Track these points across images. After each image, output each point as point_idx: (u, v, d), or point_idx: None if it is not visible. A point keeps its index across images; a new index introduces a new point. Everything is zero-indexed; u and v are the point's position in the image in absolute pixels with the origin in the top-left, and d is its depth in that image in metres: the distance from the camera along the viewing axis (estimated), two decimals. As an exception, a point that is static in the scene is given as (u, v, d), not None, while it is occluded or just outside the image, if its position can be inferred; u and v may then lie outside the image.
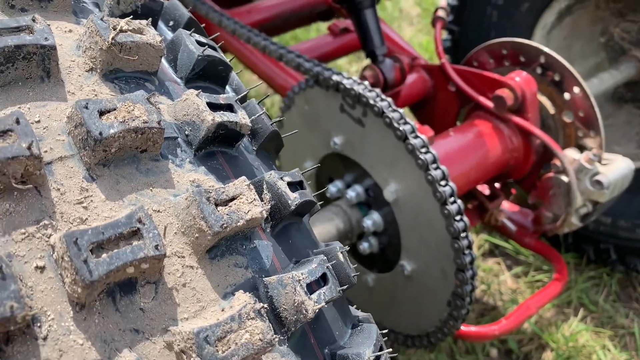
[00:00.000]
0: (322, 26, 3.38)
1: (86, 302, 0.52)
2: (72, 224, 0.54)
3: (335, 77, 1.42)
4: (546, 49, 1.68)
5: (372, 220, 1.49)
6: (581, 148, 1.71)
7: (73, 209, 0.55)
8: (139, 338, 0.54)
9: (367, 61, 1.80)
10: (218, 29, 1.88)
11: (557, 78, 1.69)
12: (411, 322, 1.55)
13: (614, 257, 2.16)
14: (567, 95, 1.69)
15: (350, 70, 3.38)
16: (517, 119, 1.64)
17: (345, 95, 1.41)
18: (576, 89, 1.66)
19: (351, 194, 1.51)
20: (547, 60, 1.69)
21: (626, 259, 2.14)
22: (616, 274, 2.26)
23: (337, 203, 1.56)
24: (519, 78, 1.65)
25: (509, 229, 1.85)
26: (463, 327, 1.56)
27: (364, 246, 1.54)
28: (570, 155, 1.62)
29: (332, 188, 1.57)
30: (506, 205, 1.92)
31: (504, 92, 1.64)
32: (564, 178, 1.61)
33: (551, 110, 1.73)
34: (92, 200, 0.56)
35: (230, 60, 0.82)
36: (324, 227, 1.51)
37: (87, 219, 0.55)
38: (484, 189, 1.88)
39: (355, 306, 0.82)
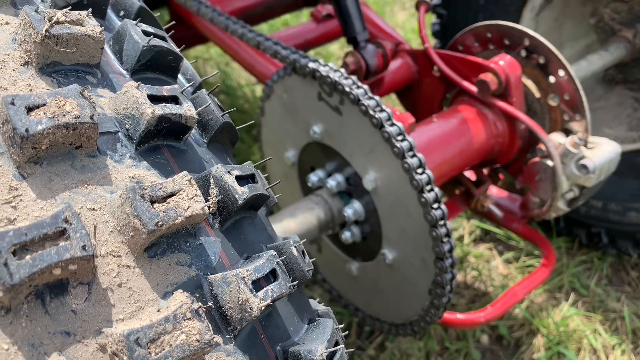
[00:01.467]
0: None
1: (12, 306, 0.50)
2: (-2, 224, 0.53)
3: (311, 65, 1.39)
4: (530, 32, 1.65)
5: (353, 209, 1.47)
6: (567, 132, 1.68)
7: (1, 208, 0.53)
8: (70, 341, 0.52)
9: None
10: (197, 18, 1.85)
11: (542, 61, 1.66)
12: (395, 311, 1.53)
13: (605, 241, 2.14)
14: (552, 79, 1.65)
15: (341, 55, 3.34)
16: (501, 104, 1.61)
17: (322, 83, 1.39)
18: (561, 72, 1.63)
19: (332, 183, 1.49)
20: (531, 43, 1.66)
21: (617, 242, 2.12)
22: (608, 258, 2.24)
23: (318, 192, 1.54)
24: (503, 62, 1.62)
25: (495, 215, 1.83)
26: (449, 315, 1.54)
27: (346, 235, 1.52)
28: (556, 139, 1.60)
29: (313, 177, 1.55)
30: (494, 190, 1.89)
31: (487, 77, 1.61)
32: (550, 163, 1.58)
33: (537, 93, 1.70)
34: (21, 200, 0.54)
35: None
36: (305, 216, 1.49)
37: (15, 219, 0.53)
38: (471, 175, 1.85)
39: (318, 300, 0.80)
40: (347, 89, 1.31)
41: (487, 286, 2.17)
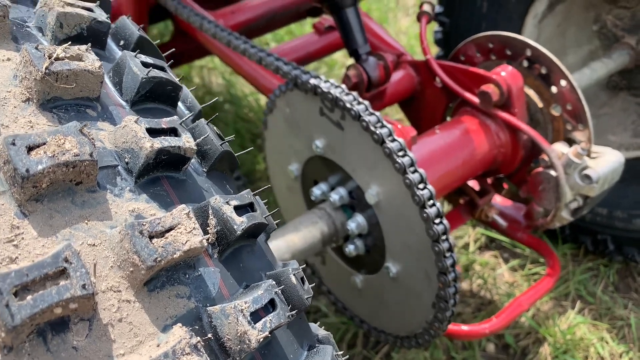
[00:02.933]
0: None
1: (14, 345, 0.51)
2: (1, 263, 0.54)
3: (312, 81, 1.40)
4: (532, 42, 1.65)
5: (356, 222, 1.48)
6: (570, 142, 1.68)
7: (2, 247, 0.54)
8: (72, 378, 0.53)
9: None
10: (200, 33, 1.86)
11: (543, 71, 1.66)
12: (399, 324, 1.54)
13: (611, 248, 2.13)
14: (554, 89, 1.66)
15: (345, 62, 3.35)
16: (503, 115, 1.61)
17: (323, 98, 1.40)
18: (563, 82, 1.63)
19: (335, 196, 1.50)
20: (533, 54, 1.66)
21: (624, 249, 2.12)
22: (614, 265, 2.23)
23: (321, 206, 1.54)
24: (505, 73, 1.62)
25: (500, 225, 1.83)
26: (454, 326, 1.55)
27: (349, 248, 1.53)
28: (559, 149, 1.60)
29: (317, 191, 1.56)
30: (499, 199, 1.89)
31: (489, 88, 1.61)
32: (553, 173, 1.58)
33: (539, 103, 1.70)
34: (23, 238, 0.56)
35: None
36: (308, 230, 1.50)
37: (17, 257, 0.54)
38: (475, 185, 1.85)
39: (318, 324, 0.81)
40: (348, 105, 1.32)
41: (493, 294, 2.17)
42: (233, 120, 2.96)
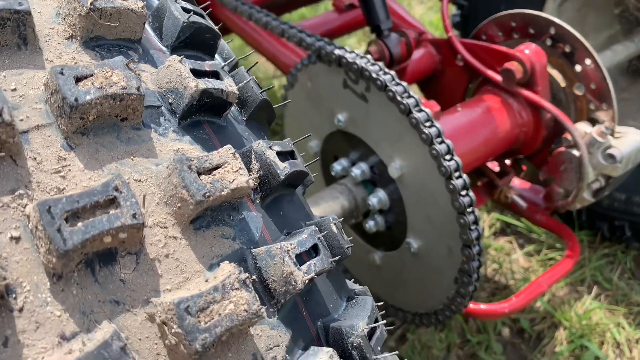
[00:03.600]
0: (330, 6, 3.33)
1: (63, 273, 0.50)
2: (49, 193, 0.53)
3: (337, 52, 1.39)
4: (557, 20, 1.63)
5: (378, 198, 1.47)
6: (593, 122, 1.66)
7: (50, 178, 0.54)
8: (120, 310, 0.52)
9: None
10: (219, 8, 1.85)
11: (567, 50, 1.64)
12: (419, 300, 1.53)
13: (628, 234, 2.11)
14: (578, 68, 1.64)
15: (358, 48, 3.33)
16: (526, 93, 1.60)
17: (347, 70, 1.38)
18: (588, 61, 1.61)
19: (356, 171, 1.48)
20: (557, 32, 1.64)
21: (641, 235, 2.10)
22: (631, 251, 2.21)
23: (342, 181, 1.53)
24: (529, 50, 1.61)
25: (519, 206, 1.82)
26: (472, 305, 1.53)
27: (370, 224, 1.52)
28: (582, 128, 1.58)
29: (337, 166, 1.55)
30: (517, 182, 1.88)
31: (512, 65, 1.59)
32: (576, 152, 1.57)
33: (562, 83, 1.69)
34: (70, 170, 0.55)
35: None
36: (329, 205, 1.49)
37: (64, 188, 0.53)
38: (494, 166, 1.84)
39: (353, 280, 0.80)
40: (374, 75, 1.31)
41: (508, 279, 2.16)
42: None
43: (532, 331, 2.00)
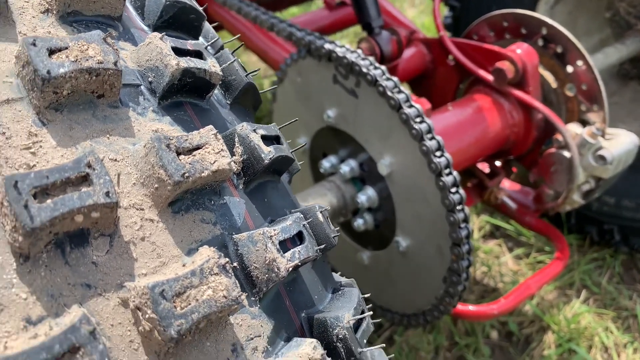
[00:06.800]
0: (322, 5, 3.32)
1: (31, 253, 0.47)
2: (17, 169, 0.50)
3: (327, 46, 1.36)
4: (549, 20, 1.62)
5: (367, 195, 1.44)
6: (584, 123, 1.65)
7: (19, 154, 0.51)
8: (91, 294, 0.49)
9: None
10: (209, 3, 1.83)
11: (559, 50, 1.63)
12: (407, 301, 1.50)
13: (617, 238, 2.10)
14: (569, 68, 1.63)
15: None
16: (517, 93, 1.58)
17: (338, 64, 1.36)
18: (579, 62, 1.60)
19: (345, 169, 1.46)
20: (549, 32, 1.63)
21: (630, 239, 2.09)
22: (620, 255, 2.20)
23: (330, 179, 1.51)
24: (520, 50, 1.59)
25: (509, 208, 1.80)
26: (461, 307, 1.51)
27: (358, 223, 1.50)
28: (573, 129, 1.57)
29: (326, 163, 1.52)
30: (507, 184, 1.86)
31: (504, 65, 1.58)
32: (566, 153, 1.56)
33: (553, 83, 1.68)
34: (41, 146, 0.52)
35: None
36: (317, 202, 1.46)
37: (34, 165, 0.51)
38: (484, 167, 1.82)
39: (339, 273, 0.78)
40: (364, 69, 1.28)
41: (497, 282, 2.14)
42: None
43: (520, 334, 1.98)
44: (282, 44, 1.76)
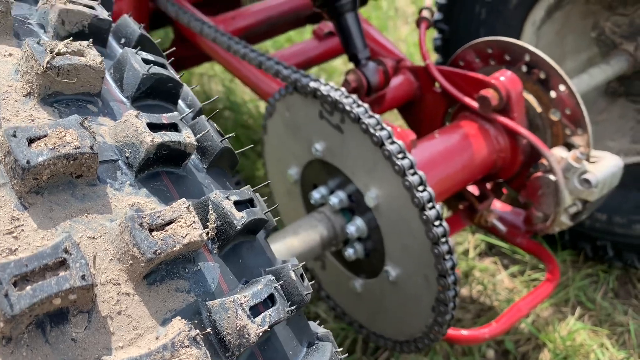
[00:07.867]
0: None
1: (12, 336, 0.51)
2: (0, 255, 0.54)
3: (312, 84, 1.40)
4: (531, 47, 1.66)
5: (356, 226, 1.48)
6: (569, 146, 1.68)
7: (2, 239, 0.54)
8: (70, 369, 0.53)
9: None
10: (200, 38, 1.87)
11: (542, 76, 1.66)
12: (398, 328, 1.53)
13: (611, 254, 2.13)
14: (553, 94, 1.66)
15: (344, 70, 3.36)
16: (502, 119, 1.62)
17: (323, 101, 1.40)
18: (562, 87, 1.63)
19: (334, 200, 1.50)
20: (532, 59, 1.67)
21: (623, 255, 2.11)
22: (614, 271, 2.22)
23: (320, 209, 1.54)
24: (504, 77, 1.63)
25: (499, 230, 1.83)
26: (453, 331, 1.54)
27: (349, 252, 1.53)
28: (558, 154, 1.60)
29: (316, 195, 1.56)
30: (498, 205, 1.89)
31: (488, 92, 1.62)
32: (552, 177, 1.59)
33: (538, 108, 1.71)
34: (22, 230, 0.56)
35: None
36: (308, 234, 1.50)
37: (16, 249, 0.54)
38: (474, 190, 1.86)
39: (318, 322, 0.81)
40: (347, 107, 1.32)
41: (493, 300, 2.17)
42: (233, 127, 2.96)
43: (516, 352, 2.00)
44: (271, 76, 1.81)
